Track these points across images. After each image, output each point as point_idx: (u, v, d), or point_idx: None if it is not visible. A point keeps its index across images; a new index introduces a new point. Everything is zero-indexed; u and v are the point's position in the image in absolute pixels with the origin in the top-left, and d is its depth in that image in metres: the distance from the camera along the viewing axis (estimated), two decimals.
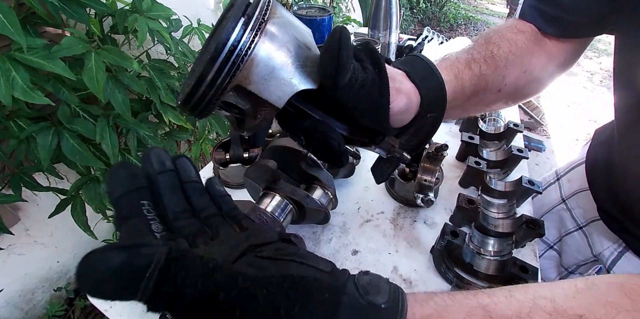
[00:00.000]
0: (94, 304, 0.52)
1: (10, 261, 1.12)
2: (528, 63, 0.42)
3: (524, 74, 0.42)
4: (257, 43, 0.21)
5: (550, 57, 0.43)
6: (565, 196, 0.63)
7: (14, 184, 0.90)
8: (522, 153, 0.58)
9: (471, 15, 4.44)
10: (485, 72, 0.39)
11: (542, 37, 0.43)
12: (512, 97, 0.45)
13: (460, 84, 0.38)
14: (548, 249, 0.65)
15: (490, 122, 0.69)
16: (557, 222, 0.63)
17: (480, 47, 0.41)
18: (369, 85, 0.27)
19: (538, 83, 0.45)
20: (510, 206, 0.48)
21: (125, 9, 0.85)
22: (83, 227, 0.98)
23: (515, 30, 0.43)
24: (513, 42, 0.42)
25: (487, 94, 0.41)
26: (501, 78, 0.40)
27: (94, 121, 0.86)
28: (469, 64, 0.39)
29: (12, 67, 0.68)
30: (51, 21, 0.81)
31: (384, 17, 0.80)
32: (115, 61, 0.78)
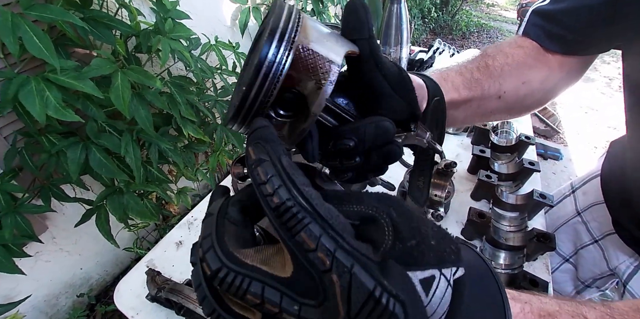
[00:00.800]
0: (116, 310, 0.55)
1: (37, 268, 1.18)
2: (527, 75, 0.43)
3: (524, 85, 0.43)
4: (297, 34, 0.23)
5: (551, 71, 0.44)
6: (580, 208, 0.63)
7: (44, 195, 0.95)
8: (534, 166, 0.58)
9: (484, 23, 4.42)
10: (477, 77, 0.40)
11: (544, 53, 0.44)
12: (514, 107, 0.45)
13: (451, 86, 0.39)
14: (564, 262, 0.64)
15: (502, 135, 0.70)
16: (573, 235, 0.62)
17: (474, 59, 0.43)
18: (394, 68, 0.29)
19: (540, 95, 0.45)
20: (522, 219, 0.48)
21: (148, 30, 0.90)
22: (106, 235, 1.03)
23: (515, 45, 0.45)
24: (510, 55, 0.43)
25: (486, 99, 0.42)
26: (498, 85, 0.41)
27: (119, 136, 0.90)
28: (460, 72, 0.41)
29: (46, 87, 0.73)
30: (80, 43, 0.87)
31: (394, 33, 0.83)
32: (139, 80, 0.83)
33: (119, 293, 0.57)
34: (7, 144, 0.93)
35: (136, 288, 0.57)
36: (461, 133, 0.83)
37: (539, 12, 0.45)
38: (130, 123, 0.96)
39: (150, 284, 0.49)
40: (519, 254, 0.42)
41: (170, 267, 0.60)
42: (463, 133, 0.83)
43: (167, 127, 1.06)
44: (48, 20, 0.68)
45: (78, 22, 0.71)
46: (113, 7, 0.96)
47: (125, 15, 0.96)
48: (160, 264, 0.60)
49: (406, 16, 0.82)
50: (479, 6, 4.99)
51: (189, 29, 0.94)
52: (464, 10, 4.50)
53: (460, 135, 0.82)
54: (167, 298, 0.41)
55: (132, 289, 0.57)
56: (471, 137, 0.76)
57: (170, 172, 1.32)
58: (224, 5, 1.42)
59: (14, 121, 0.93)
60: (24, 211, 0.88)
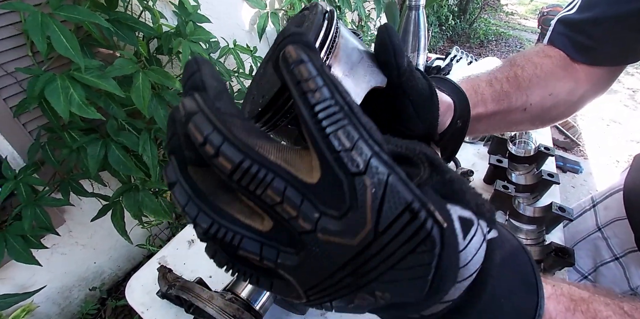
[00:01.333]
0: (126, 305, 0.56)
1: (53, 260, 1.21)
2: (554, 86, 0.42)
3: (550, 97, 0.42)
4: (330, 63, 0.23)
5: (578, 82, 0.43)
6: (601, 224, 0.60)
7: (63, 189, 0.98)
8: (553, 178, 0.57)
9: (502, 31, 4.35)
10: (507, 89, 0.40)
11: (570, 63, 0.43)
12: (539, 118, 0.44)
13: (480, 99, 0.38)
14: (582, 279, 0.62)
15: (520, 145, 0.68)
16: (592, 251, 0.60)
17: (503, 68, 0.42)
18: (422, 81, 0.29)
19: (566, 106, 0.44)
20: (540, 233, 0.47)
21: (170, 32, 0.92)
22: (120, 231, 1.05)
23: (543, 54, 0.44)
24: (538, 65, 0.42)
25: (512, 112, 0.41)
26: (525, 97, 0.40)
27: (137, 134, 0.93)
28: (490, 82, 0.40)
29: (71, 85, 0.76)
30: (105, 43, 0.90)
31: (412, 39, 0.82)
32: (159, 80, 0.85)
33: (131, 288, 0.58)
34: (31, 138, 0.97)
35: (147, 284, 0.57)
36: (477, 142, 0.81)
37: (564, 21, 0.43)
38: (149, 122, 0.98)
39: (161, 281, 0.50)
40: None
41: (181, 265, 0.61)
42: (480, 142, 0.81)
43: None
44: (75, 20, 0.70)
45: (104, 23, 0.74)
46: (137, 10, 0.99)
47: (148, 18, 0.98)
48: (172, 262, 0.61)
49: (424, 23, 0.82)
50: (497, 14, 4.92)
51: (209, 33, 0.96)
52: (482, 18, 4.44)
53: (476, 144, 0.80)
54: (177, 296, 0.42)
55: (143, 285, 0.58)
56: (488, 146, 0.75)
57: None
58: (243, 10, 1.45)
59: (39, 117, 0.96)
60: (43, 204, 0.91)
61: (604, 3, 0.39)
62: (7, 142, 0.95)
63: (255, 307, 0.38)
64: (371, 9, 2.13)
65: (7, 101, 0.90)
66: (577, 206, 0.67)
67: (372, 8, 2.08)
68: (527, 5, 5.24)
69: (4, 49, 0.84)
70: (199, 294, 0.38)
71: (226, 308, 0.35)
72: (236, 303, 0.37)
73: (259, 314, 0.39)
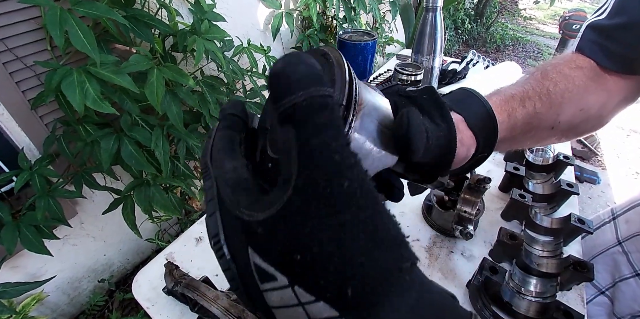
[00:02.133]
0: (134, 299, 0.56)
1: (64, 250, 1.23)
2: (586, 101, 0.40)
3: (580, 112, 0.40)
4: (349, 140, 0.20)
5: (610, 95, 0.41)
6: (622, 238, 0.58)
7: (76, 181, 1.00)
8: (573, 188, 0.55)
9: (520, 36, 4.26)
10: (539, 110, 0.38)
11: (601, 73, 0.41)
12: (566, 134, 0.43)
13: (512, 123, 0.37)
14: (599, 295, 0.59)
15: (537, 153, 0.66)
16: (611, 266, 0.58)
17: (535, 82, 0.40)
18: (441, 143, 0.27)
19: (595, 121, 0.43)
20: (557, 245, 0.45)
21: (185, 30, 0.93)
22: (131, 225, 1.06)
23: (574, 65, 0.41)
24: (571, 79, 0.40)
25: (540, 131, 0.39)
26: (555, 116, 0.39)
27: (150, 130, 0.94)
28: (524, 102, 0.38)
29: (87, 79, 0.77)
30: (121, 39, 0.91)
31: (428, 41, 0.81)
32: (173, 77, 0.85)
33: (137, 283, 0.58)
34: (48, 130, 0.99)
35: (154, 280, 0.58)
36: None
37: (594, 27, 0.41)
38: (162, 119, 0.99)
39: (167, 277, 0.50)
40: (552, 282, 0.39)
41: (188, 261, 0.61)
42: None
43: (196, 125, 1.09)
44: (93, 16, 0.71)
45: (120, 19, 0.75)
46: (154, 7, 1.00)
47: (164, 15, 0.99)
48: (179, 258, 0.61)
49: (441, 25, 0.80)
50: (515, 19, 4.82)
51: (224, 31, 0.97)
52: (499, 22, 4.36)
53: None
54: (183, 293, 0.41)
55: (150, 281, 0.58)
56: (504, 153, 0.73)
57: (196, 169, 1.35)
58: (258, 9, 1.45)
59: (56, 110, 0.98)
60: (56, 195, 0.93)
61: (637, 7, 0.37)
62: (24, 134, 0.97)
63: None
64: (386, 11, 2.11)
65: (26, 93, 0.92)
66: (596, 217, 0.65)
67: (387, 10, 2.07)
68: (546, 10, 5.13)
69: (24, 43, 0.86)
70: (204, 294, 0.37)
71: (231, 309, 0.35)
72: (241, 304, 0.36)
73: None
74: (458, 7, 3.49)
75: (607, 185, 2.17)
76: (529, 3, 4.92)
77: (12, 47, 0.84)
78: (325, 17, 1.65)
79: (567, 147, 0.82)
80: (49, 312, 1.27)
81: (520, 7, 5.00)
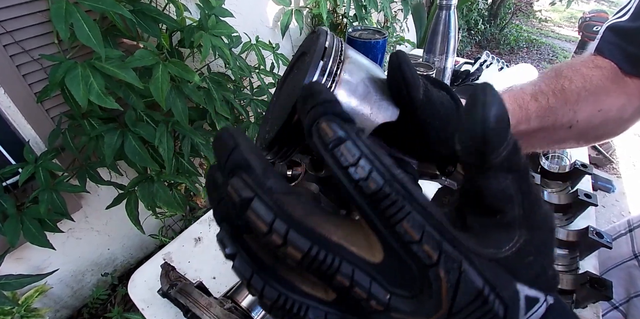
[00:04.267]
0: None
1: (68, 244, 1.24)
2: (603, 102, 0.38)
3: (599, 113, 0.38)
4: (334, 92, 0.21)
5: (630, 99, 0.39)
6: (638, 251, 0.55)
7: (80, 176, 1.00)
8: (591, 199, 0.51)
9: (535, 38, 4.16)
10: (553, 105, 0.36)
11: (622, 76, 0.39)
12: (585, 136, 0.41)
13: (525, 115, 0.35)
14: (612, 310, 0.57)
15: (553, 160, 0.63)
16: (626, 280, 0.55)
17: (549, 79, 0.38)
18: (445, 100, 0.26)
19: (615, 124, 0.40)
20: (572, 259, 0.42)
21: (192, 25, 0.92)
22: (134, 221, 1.06)
23: (592, 65, 0.39)
24: (588, 77, 0.38)
25: (557, 129, 0.38)
26: (572, 113, 0.37)
27: (155, 126, 0.93)
28: (535, 96, 0.36)
29: (91, 73, 0.76)
30: (128, 34, 0.90)
31: (441, 41, 0.78)
32: (179, 73, 0.84)
33: (134, 283, 0.57)
34: (53, 124, 0.99)
35: (150, 280, 0.57)
36: None
37: (615, 28, 0.39)
38: (166, 115, 0.98)
39: (163, 279, 0.49)
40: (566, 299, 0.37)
41: (186, 263, 0.59)
42: None
43: (201, 122, 1.08)
44: (99, 10, 0.70)
45: (127, 14, 0.74)
46: (162, 2, 0.99)
47: (172, 11, 0.98)
48: (177, 259, 0.60)
49: (455, 24, 0.77)
50: (529, 20, 4.72)
51: (231, 27, 0.95)
52: (513, 24, 4.27)
53: None
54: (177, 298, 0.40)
55: (146, 281, 0.57)
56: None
57: (200, 166, 1.35)
58: (267, 6, 1.43)
59: (62, 104, 0.98)
60: (60, 189, 0.93)
61: None
62: (30, 127, 0.97)
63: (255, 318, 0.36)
64: (398, 10, 2.08)
65: (32, 86, 0.92)
66: (611, 229, 0.62)
67: (399, 9, 2.03)
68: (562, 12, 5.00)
69: (32, 36, 0.86)
70: (197, 300, 0.36)
71: (224, 318, 0.33)
72: (235, 313, 0.35)
73: None
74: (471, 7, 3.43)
75: (622, 194, 2.11)
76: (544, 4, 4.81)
77: (19, 40, 0.84)
78: (336, 15, 1.62)
79: (585, 155, 0.78)
80: (52, 304, 1.28)
81: (535, 9, 4.89)
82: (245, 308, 0.36)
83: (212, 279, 0.55)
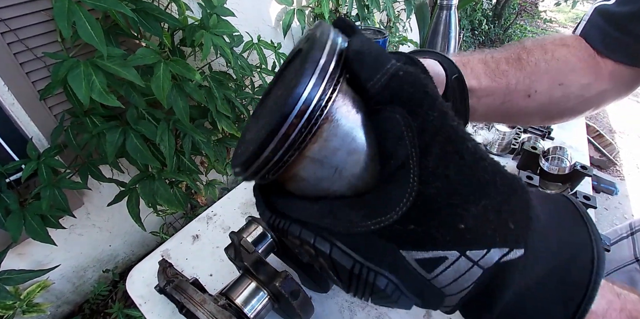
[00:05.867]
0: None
1: (70, 240, 1.25)
2: (565, 76, 0.37)
3: (560, 87, 0.37)
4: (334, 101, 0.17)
5: (598, 78, 0.38)
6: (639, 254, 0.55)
7: (82, 173, 1.01)
8: (590, 201, 0.51)
9: None
10: (504, 68, 0.36)
11: (594, 56, 0.38)
12: (548, 111, 0.40)
13: (471, 72, 0.35)
14: None
15: (553, 161, 0.63)
16: (628, 283, 0.55)
17: (505, 50, 0.38)
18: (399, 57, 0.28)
19: (578, 101, 0.39)
20: None
21: (194, 24, 0.92)
22: (135, 218, 1.07)
23: (559, 42, 0.39)
24: (550, 51, 0.38)
25: (513, 95, 0.37)
26: (528, 81, 0.36)
27: (156, 124, 0.93)
28: (484, 60, 0.36)
29: (93, 71, 0.77)
30: (130, 33, 0.91)
31: (441, 41, 0.78)
32: (180, 72, 0.85)
33: (132, 279, 0.58)
34: (56, 121, 1.00)
35: (148, 277, 0.57)
36: (506, 155, 0.76)
37: (602, 11, 0.39)
38: (168, 113, 0.98)
39: (160, 275, 0.49)
40: None
41: (183, 260, 0.60)
42: (508, 155, 0.76)
43: (202, 120, 1.09)
44: (102, 9, 0.71)
45: (129, 13, 0.74)
46: (164, 1, 1.00)
47: (174, 10, 0.99)
48: (175, 256, 0.61)
49: (455, 24, 0.77)
50: (534, 21, 4.68)
51: (232, 26, 0.96)
52: (517, 24, 4.25)
53: (505, 157, 0.76)
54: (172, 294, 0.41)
55: (144, 277, 0.57)
56: (517, 160, 0.70)
57: (201, 164, 1.36)
58: (269, 6, 1.44)
59: (64, 101, 0.99)
60: (62, 186, 0.94)
61: None
62: (33, 124, 0.98)
63: (249, 315, 0.37)
64: (401, 10, 2.07)
65: (36, 84, 0.93)
66: (613, 232, 0.61)
67: (402, 9, 2.03)
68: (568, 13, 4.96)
69: (36, 34, 0.87)
70: (191, 296, 0.37)
71: (217, 314, 0.34)
72: (229, 310, 0.35)
73: None
74: (475, 7, 3.41)
75: (625, 196, 2.10)
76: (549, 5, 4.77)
77: (23, 38, 0.85)
78: (338, 14, 1.62)
79: (586, 157, 0.78)
80: (54, 299, 1.29)
81: (540, 9, 4.85)
82: (240, 305, 0.37)
83: (209, 277, 0.56)
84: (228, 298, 0.37)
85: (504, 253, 0.16)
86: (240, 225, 0.48)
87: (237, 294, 0.38)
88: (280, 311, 0.43)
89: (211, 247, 0.61)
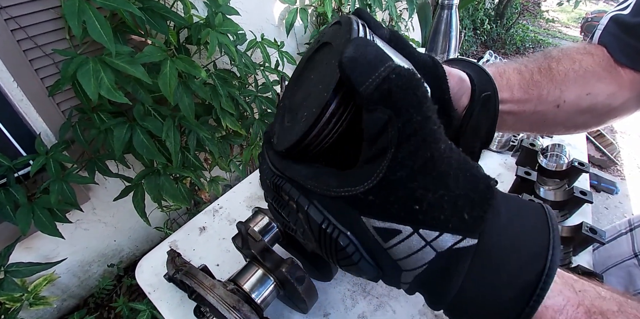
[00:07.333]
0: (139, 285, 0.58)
1: (76, 234, 1.27)
2: (593, 86, 0.38)
3: (587, 97, 0.38)
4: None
5: (621, 88, 0.39)
6: (638, 250, 0.56)
7: (89, 168, 1.03)
8: (586, 196, 0.53)
9: (541, 39, 4.12)
10: (537, 79, 0.36)
11: (615, 66, 0.39)
12: (573, 120, 0.40)
13: (506, 84, 0.35)
14: None
15: (551, 158, 0.64)
16: (625, 279, 0.56)
17: (536, 59, 0.39)
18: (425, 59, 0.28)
19: (604, 111, 0.40)
20: (566, 254, 0.44)
21: (200, 23, 0.94)
22: (140, 213, 1.09)
23: (584, 51, 0.40)
24: (577, 60, 0.38)
25: (543, 105, 0.37)
26: (559, 92, 0.37)
27: (162, 120, 0.95)
28: (519, 70, 0.37)
29: (102, 68, 0.79)
30: (137, 31, 0.93)
31: (442, 40, 0.80)
32: (186, 69, 0.86)
33: (141, 268, 0.60)
34: (64, 117, 1.02)
35: (157, 266, 0.59)
36: (505, 152, 0.77)
37: (617, 20, 0.39)
38: (173, 110, 1.00)
39: (169, 264, 0.51)
40: None
41: (191, 250, 0.62)
42: (508, 152, 0.78)
43: (207, 117, 1.10)
44: (110, 8, 0.72)
45: (136, 11, 0.76)
46: (170, 0, 1.02)
47: (180, 8, 1.00)
48: (182, 247, 0.63)
49: (456, 23, 0.79)
50: (537, 21, 4.67)
51: (237, 25, 0.97)
52: (520, 24, 4.24)
53: (504, 154, 0.77)
54: (182, 280, 0.42)
55: (153, 267, 0.59)
56: (516, 157, 0.71)
57: (205, 160, 1.37)
58: (273, 5, 1.45)
59: (72, 97, 1.01)
60: (70, 180, 0.96)
61: None
62: (41, 120, 1.00)
63: (257, 300, 0.38)
64: (403, 9, 2.08)
65: (44, 80, 0.94)
66: (612, 228, 0.62)
67: (404, 8, 2.04)
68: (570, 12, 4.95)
69: (44, 31, 0.89)
70: (201, 281, 0.38)
71: (226, 298, 0.35)
72: (237, 294, 0.37)
73: (260, 308, 0.39)
74: (478, 6, 3.41)
75: (625, 196, 2.10)
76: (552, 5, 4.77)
77: (32, 35, 0.87)
78: (341, 13, 1.64)
79: (584, 154, 0.80)
80: (59, 293, 1.32)
81: (542, 9, 4.85)
82: (247, 291, 0.39)
83: (215, 267, 0.58)
84: (236, 284, 0.39)
85: (457, 240, 0.18)
86: (245, 218, 0.50)
87: (245, 280, 0.40)
88: (285, 298, 0.45)
89: (217, 238, 0.63)
